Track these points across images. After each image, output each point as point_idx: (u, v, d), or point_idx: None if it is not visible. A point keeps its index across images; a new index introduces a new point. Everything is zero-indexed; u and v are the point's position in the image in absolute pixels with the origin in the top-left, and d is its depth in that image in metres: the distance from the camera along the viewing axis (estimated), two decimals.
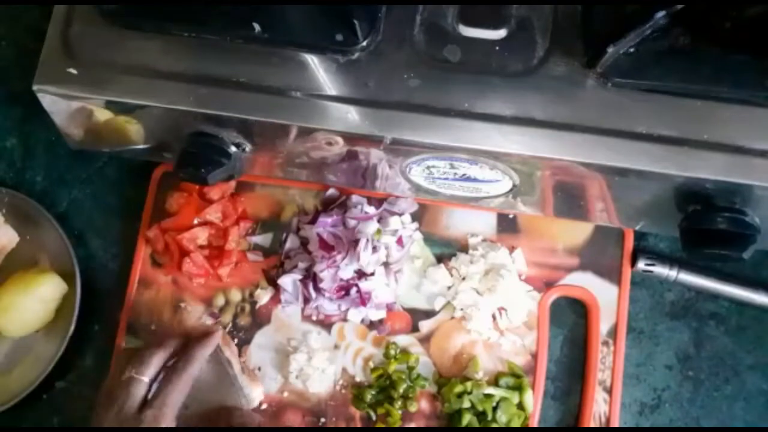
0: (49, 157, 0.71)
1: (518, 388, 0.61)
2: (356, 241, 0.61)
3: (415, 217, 0.66)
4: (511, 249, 0.64)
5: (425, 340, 0.63)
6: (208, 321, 0.64)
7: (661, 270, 0.62)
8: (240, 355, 0.63)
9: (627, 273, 0.63)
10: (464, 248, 0.65)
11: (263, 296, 0.65)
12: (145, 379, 0.55)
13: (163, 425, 0.53)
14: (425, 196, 0.62)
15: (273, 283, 0.65)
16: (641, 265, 0.62)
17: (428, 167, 0.55)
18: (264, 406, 0.63)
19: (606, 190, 0.53)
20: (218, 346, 0.60)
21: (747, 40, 0.47)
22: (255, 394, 0.62)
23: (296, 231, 0.66)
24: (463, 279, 0.63)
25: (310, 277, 0.62)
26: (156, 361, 0.56)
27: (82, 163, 0.70)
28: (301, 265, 0.64)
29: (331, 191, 0.66)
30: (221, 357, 0.61)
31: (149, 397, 0.54)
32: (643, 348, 0.63)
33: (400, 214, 0.65)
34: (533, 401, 0.61)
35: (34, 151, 0.71)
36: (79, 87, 0.53)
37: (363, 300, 0.62)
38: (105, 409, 0.54)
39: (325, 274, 0.61)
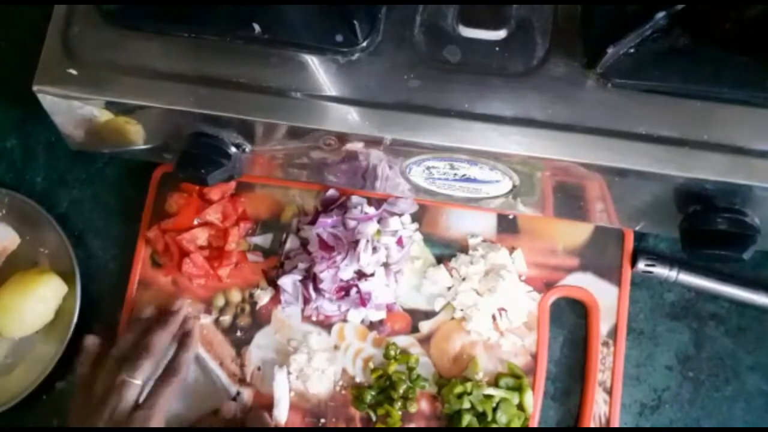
0: (49, 157, 0.71)
1: (518, 389, 0.61)
2: (356, 242, 0.61)
3: (415, 217, 0.66)
4: (511, 250, 0.64)
5: (425, 341, 0.63)
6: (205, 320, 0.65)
7: (661, 270, 0.62)
8: (239, 355, 0.63)
9: (627, 273, 0.63)
10: (464, 249, 0.65)
11: (263, 297, 0.65)
12: (138, 382, 0.57)
13: (154, 424, 0.55)
14: (425, 197, 0.62)
15: (273, 283, 0.65)
16: (641, 265, 0.62)
17: (428, 168, 0.55)
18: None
19: (606, 191, 0.53)
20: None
21: (747, 40, 0.47)
22: (245, 395, 0.62)
23: (296, 231, 0.66)
24: (463, 280, 0.63)
25: (310, 278, 0.62)
26: (148, 365, 0.58)
27: (82, 164, 0.70)
28: (301, 265, 0.64)
29: (331, 192, 0.66)
30: (201, 360, 0.63)
31: (140, 400, 0.57)
32: (643, 349, 0.63)
33: (400, 215, 0.65)
34: (533, 402, 0.61)
35: (34, 152, 0.71)
36: (79, 87, 0.53)
37: (363, 301, 0.62)
38: (97, 411, 0.56)
39: (325, 275, 0.61)
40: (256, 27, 0.51)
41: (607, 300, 0.63)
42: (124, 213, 0.69)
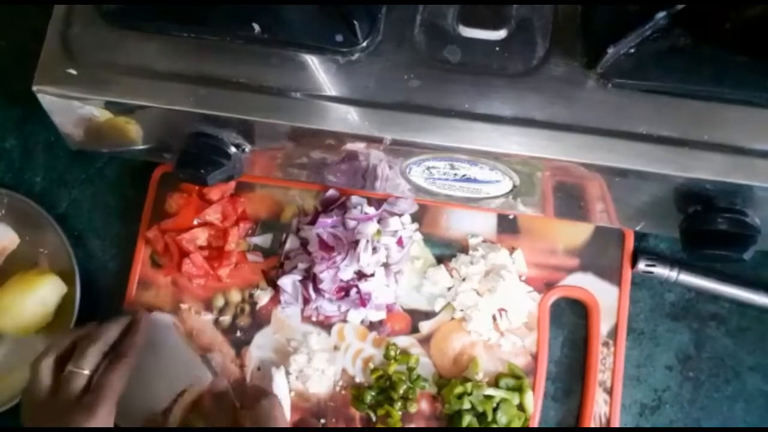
0: (49, 157, 0.71)
1: (518, 389, 0.61)
2: (356, 242, 0.61)
3: (415, 217, 0.66)
4: (512, 250, 0.64)
5: (425, 341, 0.63)
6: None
7: (662, 271, 0.62)
8: (239, 355, 0.63)
9: (627, 274, 0.63)
10: (464, 249, 0.65)
11: (263, 297, 0.65)
12: (85, 371, 0.55)
13: (102, 408, 0.53)
14: (425, 197, 0.61)
15: (273, 283, 0.65)
16: (641, 265, 0.62)
17: (428, 168, 0.55)
18: None
19: (606, 191, 0.53)
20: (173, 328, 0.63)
21: (747, 40, 0.47)
22: (216, 358, 0.63)
23: (296, 232, 0.66)
24: (464, 280, 0.63)
25: (310, 278, 0.62)
26: (94, 353, 0.56)
27: (82, 164, 0.70)
28: (301, 265, 0.64)
29: (331, 192, 0.66)
30: (175, 338, 0.63)
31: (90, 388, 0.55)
32: (643, 349, 0.63)
33: (400, 215, 0.65)
34: (533, 402, 0.61)
35: (33, 152, 0.71)
36: (78, 87, 0.53)
37: (363, 301, 0.62)
38: (44, 407, 0.54)
39: (325, 275, 0.61)
40: (256, 27, 0.51)
41: (607, 300, 0.62)
42: (124, 213, 0.69)
